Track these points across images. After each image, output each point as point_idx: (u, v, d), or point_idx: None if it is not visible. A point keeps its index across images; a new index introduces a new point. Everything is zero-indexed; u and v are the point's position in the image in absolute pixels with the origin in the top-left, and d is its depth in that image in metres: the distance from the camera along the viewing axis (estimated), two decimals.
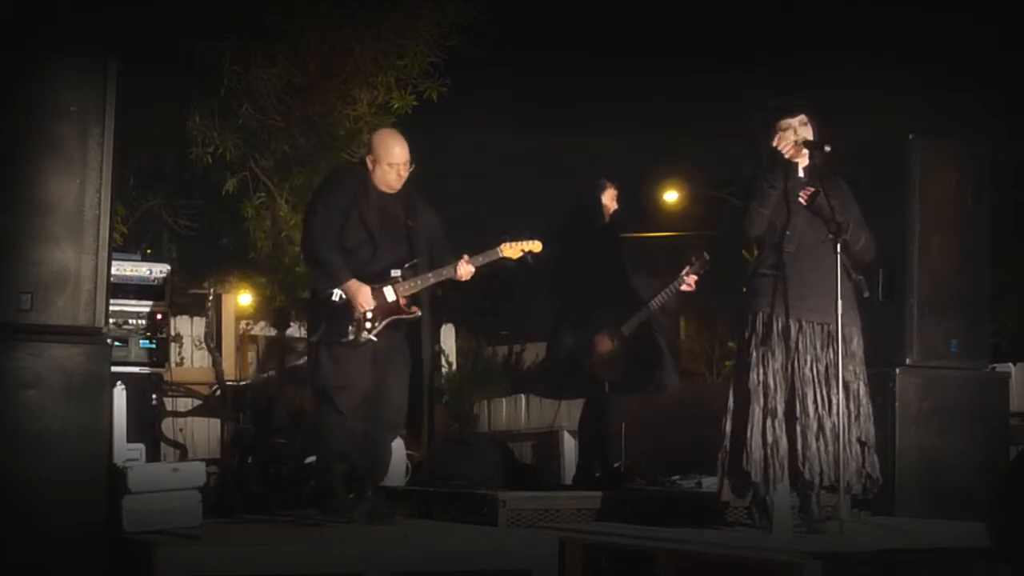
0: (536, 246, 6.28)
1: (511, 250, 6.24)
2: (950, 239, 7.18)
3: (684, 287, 7.33)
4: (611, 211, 7.56)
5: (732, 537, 5.77)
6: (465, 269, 6.12)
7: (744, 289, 6.06)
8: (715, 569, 5.18)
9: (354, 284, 5.96)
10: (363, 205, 6.05)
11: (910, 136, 7.16)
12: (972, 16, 16.06)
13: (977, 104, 15.45)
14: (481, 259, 6.19)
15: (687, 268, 7.32)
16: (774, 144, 5.93)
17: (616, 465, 7.64)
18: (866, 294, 5.91)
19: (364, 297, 5.95)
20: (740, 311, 6.03)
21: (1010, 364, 7.98)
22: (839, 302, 5.71)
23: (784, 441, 5.81)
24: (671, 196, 21.70)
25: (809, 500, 5.89)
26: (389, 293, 6.03)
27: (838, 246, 5.76)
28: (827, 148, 5.88)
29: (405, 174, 6.13)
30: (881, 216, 7.02)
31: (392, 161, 6.08)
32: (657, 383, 7.46)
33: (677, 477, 7.52)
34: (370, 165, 6.12)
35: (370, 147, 6.20)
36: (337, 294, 5.97)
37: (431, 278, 6.12)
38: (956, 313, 7.15)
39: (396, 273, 6.07)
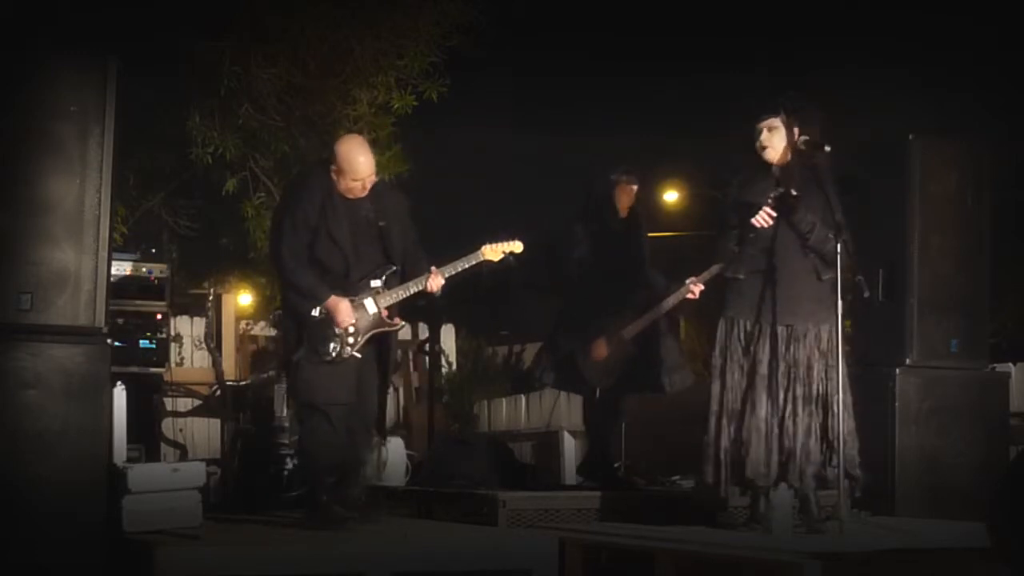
0: (517, 247, 6.11)
1: (492, 252, 6.07)
2: (950, 239, 7.18)
3: (688, 295, 7.19)
4: (627, 207, 7.36)
5: (732, 537, 5.77)
6: (435, 282, 5.93)
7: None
8: (715, 569, 5.18)
9: (333, 300, 5.76)
10: (331, 217, 5.82)
11: (910, 136, 7.17)
12: (972, 16, 16.06)
13: (977, 104, 15.45)
14: (464, 263, 6.02)
15: (693, 278, 7.08)
16: (758, 142, 6.00)
17: (616, 465, 7.64)
18: (866, 294, 5.92)
19: (345, 313, 5.76)
20: (719, 314, 6.09)
21: (1010, 364, 7.98)
22: (839, 303, 5.75)
23: (737, 443, 5.88)
24: (671, 196, 21.70)
25: (808, 501, 5.91)
26: (370, 305, 5.86)
27: (838, 247, 5.78)
28: (827, 148, 5.90)
29: (370, 185, 5.91)
30: (881, 216, 7.05)
31: (357, 176, 5.84)
32: (655, 386, 7.34)
33: (677, 477, 7.52)
34: (334, 175, 5.86)
35: (334, 156, 5.88)
36: (317, 309, 5.78)
37: (411, 287, 5.95)
38: (956, 313, 7.15)
39: (376, 284, 5.89)
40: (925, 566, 5.21)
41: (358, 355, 5.84)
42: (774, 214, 5.87)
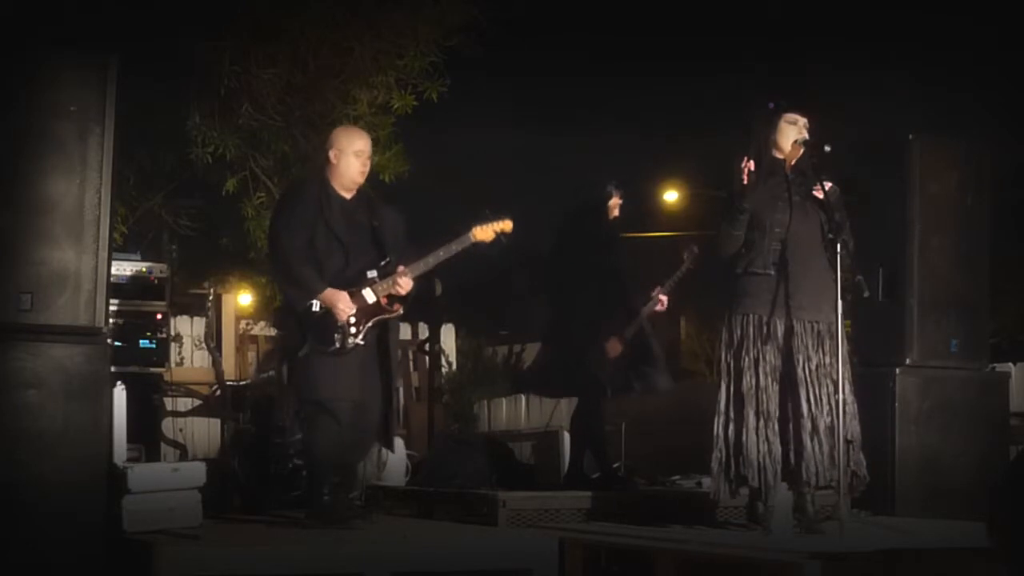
0: (507, 225, 6.04)
1: (483, 232, 6.02)
2: (950, 239, 7.18)
3: (658, 307, 7.50)
4: (612, 216, 7.58)
5: (732, 537, 5.76)
6: (404, 280, 5.93)
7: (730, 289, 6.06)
8: (715, 569, 5.18)
9: (330, 292, 5.83)
10: (328, 213, 5.93)
11: (910, 136, 7.16)
12: (972, 16, 16.07)
13: (977, 104, 15.46)
14: (456, 246, 6.01)
15: (657, 288, 7.54)
16: (773, 136, 5.96)
17: (615, 466, 7.65)
18: (866, 294, 5.91)
19: (344, 303, 5.83)
20: (727, 310, 6.01)
21: (1010, 364, 7.99)
22: (839, 301, 5.72)
23: (779, 444, 5.82)
24: (671, 196, 21.70)
25: (805, 500, 5.89)
26: (368, 295, 5.91)
27: (838, 245, 5.76)
28: (827, 148, 5.89)
29: (367, 167, 6.02)
30: (881, 216, 7.04)
31: (357, 149, 5.95)
32: (649, 385, 7.52)
33: (677, 477, 7.53)
34: (333, 159, 5.96)
35: (331, 142, 6.02)
36: (316, 304, 5.84)
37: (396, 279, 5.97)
38: (956, 313, 7.15)
39: (372, 274, 5.94)
40: (925, 566, 5.21)
41: (362, 342, 5.88)
42: (829, 186, 5.87)
